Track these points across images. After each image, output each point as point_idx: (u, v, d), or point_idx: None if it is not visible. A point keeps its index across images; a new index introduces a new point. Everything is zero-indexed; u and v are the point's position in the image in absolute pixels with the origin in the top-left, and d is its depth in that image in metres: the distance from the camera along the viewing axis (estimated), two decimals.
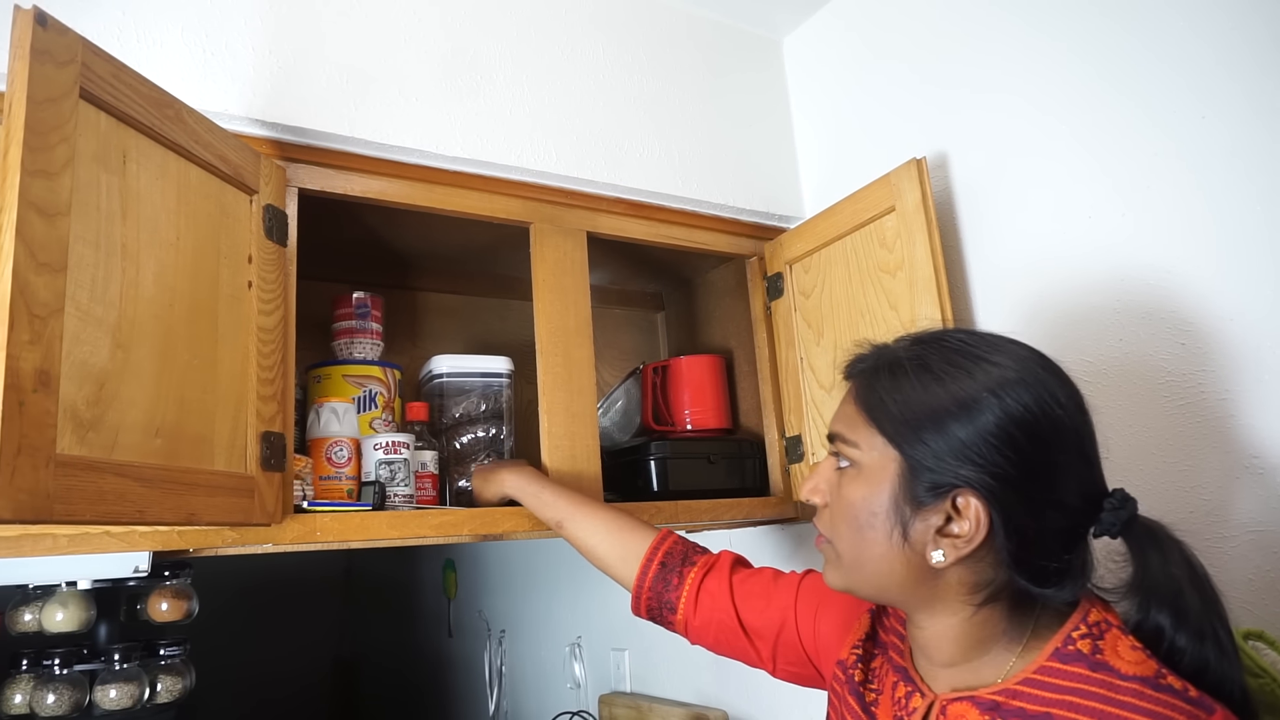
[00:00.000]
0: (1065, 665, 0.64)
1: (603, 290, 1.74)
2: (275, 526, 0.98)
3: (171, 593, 1.62)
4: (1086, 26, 1.13)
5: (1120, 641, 0.64)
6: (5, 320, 0.66)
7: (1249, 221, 0.96)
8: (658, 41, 1.46)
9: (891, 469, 0.69)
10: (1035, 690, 0.64)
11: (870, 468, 0.71)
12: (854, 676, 0.81)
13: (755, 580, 0.97)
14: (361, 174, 1.16)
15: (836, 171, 1.51)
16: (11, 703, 1.45)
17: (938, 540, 0.67)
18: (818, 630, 0.89)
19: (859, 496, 0.71)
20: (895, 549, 0.69)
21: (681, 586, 0.99)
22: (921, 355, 0.72)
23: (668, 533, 1.04)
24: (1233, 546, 0.96)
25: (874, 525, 0.70)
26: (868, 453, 0.71)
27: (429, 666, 3.43)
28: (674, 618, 0.99)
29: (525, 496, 1.12)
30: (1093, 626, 0.66)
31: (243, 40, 1.09)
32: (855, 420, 0.73)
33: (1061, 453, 0.68)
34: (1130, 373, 1.06)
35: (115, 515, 0.75)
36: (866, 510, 0.70)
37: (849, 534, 0.72)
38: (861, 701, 0.79)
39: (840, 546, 0.74)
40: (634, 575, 1.02)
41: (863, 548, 0.71)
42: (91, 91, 0.78)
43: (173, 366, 0.85)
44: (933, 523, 0.67)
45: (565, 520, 1.08)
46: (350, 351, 1.31)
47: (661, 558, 1.01)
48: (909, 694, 0.74)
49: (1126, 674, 0.61)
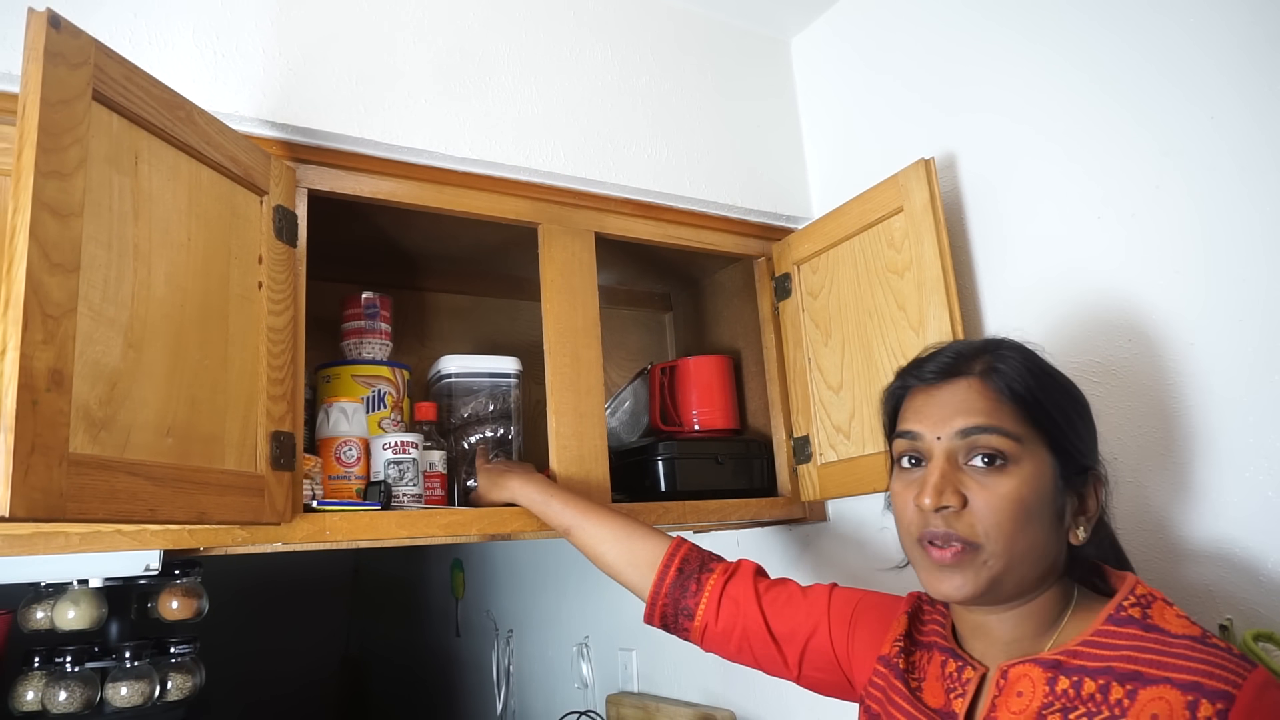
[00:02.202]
0: (1120, 628, 0.70)
1: (611, 291, 1.74)
2: (285, 526, 0.98)
3: (182, 591, 1.63)
4: (1091, 30, 1.12)
5: (1167, 610, 0.71)
6: (19, 320, 0.67)
7: (1254, 223, 0.96)
8: (665, 43, 1.46)
9: (1047, 458, 0.75)
10: (1094, 650, 0.70)
11: (1030, 459, 0.74)
12: (898, 665, 0.84)
13: (782, 589, 0.98)
14: (370, 175, 1.16)
15: (844, 172, 1.50)
16: (24, 700, 1.46)
17: (1078, 520, 0.76)
18: (853, 638, 0.91)
19: (1027, 490, 0.73)
20: (1054, 535, 0.74)
21: (700, 593, 0.99)
22: (1028, 358, 0.79)
23: (682, 540, 1.05)
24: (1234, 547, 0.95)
25: (1042, 515, 0.74)
26: (1029, 445, 0.74)
27: (437, 666, 3.43)
28: (691, 624, 0.99)
29: (534, 505, 1.12)
30: (1140, 598, 0.73)
31: (253, 42, 1.09)
32: (1005, 412, 0.74)
33: None
34: (1138, 374, 1.05)
35: (127, 514, 0.76)
36: (1037, 502, 0.73)
37: (1013, 529, 0.72)
38: (908, 685, 0.83)
39: (997, 546, 0.72)
40: (650, 582, 1.01)
41: (1026, 541, 0.73)
42: (104, 93, 0.78)
43: (184, 366, 0.86)
44: (1073, 505, 0.76)
45: (574, 528, 1.08)
46: (359, 351, 1.31)
47: (679, 564, 1.01)
48: (960, 668, 0.78)
49: (1177, 633, 0.68)
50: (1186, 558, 0.99)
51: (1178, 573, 1.00)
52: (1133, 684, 0.66)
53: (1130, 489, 1.05)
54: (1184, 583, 0.99)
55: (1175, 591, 0.99)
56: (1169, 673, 0.65)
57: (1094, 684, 0.68)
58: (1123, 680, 0.67)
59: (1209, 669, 0.64)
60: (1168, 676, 0.65)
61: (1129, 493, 1.05)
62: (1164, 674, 0.65)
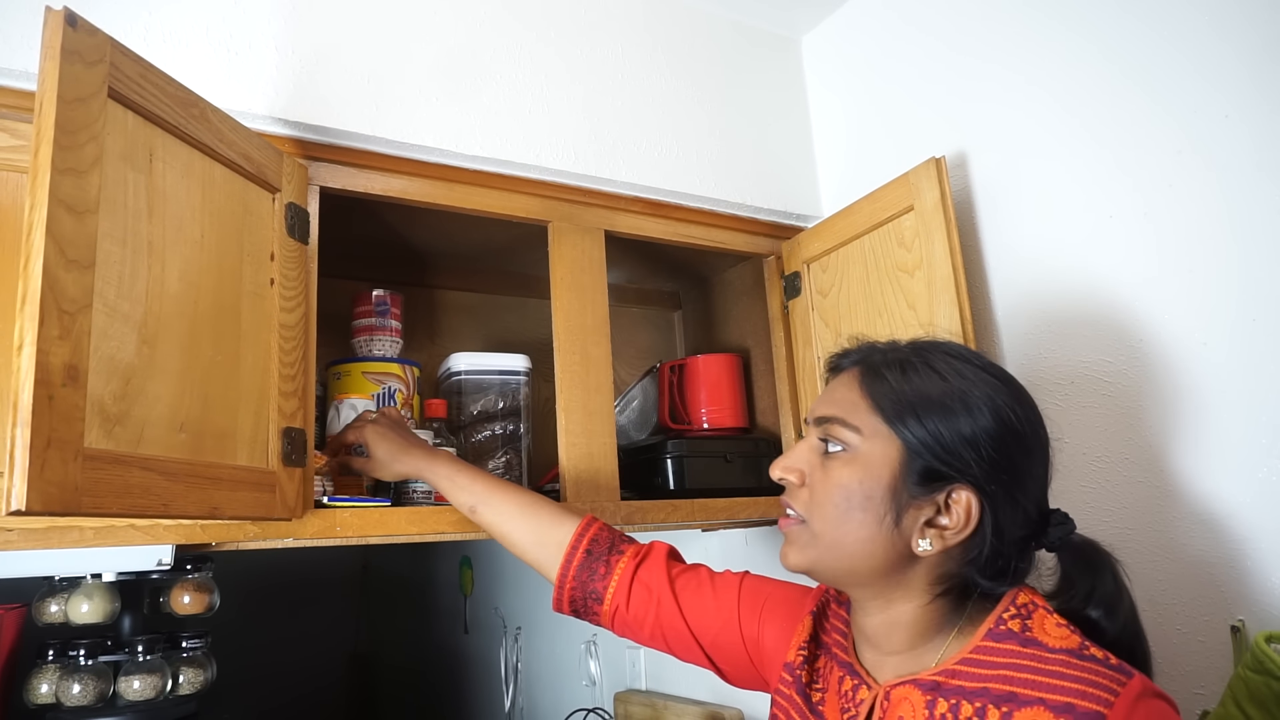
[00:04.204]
0: (998, 644, 0.70)
1: (620, 289, 1.74)
2: (296, 521, 0.99)
3: (193, 586, 1.64)
4: (1107, 25, 1.12)
5: (1047, 620, 0.70)
6: (36, 315, 0.67)
7: (1270, 221, 0.95)
8: (676, 40, 1.46)
9: (893, 456, 0.73)
10: (972, 669, 0.69)
11: (869, 453, 0.74)
12: (800, 677, 0.83)
13: (693, 576, 0.95)
14: (382, 172, 1.17)
15: (855, 170, 1.50)
16: (38, 692, 1.48)
17: (925, 530, 0.72)
18: (761, 634, 0.90)
19: (855, 480, 0.73)
20: (884, 534, 0.72)
21: (610, 575, 0.94)
22: (925, 358, 0.76)
23: (592, 519, 1.00)
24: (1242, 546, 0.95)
25: (867, 509, 0.72)
26: (869, 438, 0.74)
27: (445, 663, 3.45)
28: (600, 609, 0.95)
29: (436, 478, 1.03)
30: (1021, 608, 0.71)
31: (265, 40, 1.10)
32: (856, 405, 0.75)
33: (1036, 465, 0.75)
34: (1151, 373, 1.05)
35: (141, 508, 0.76)
36: (862, 493, 0.73)
37: (835, 514, 0.74)
38: (809, 701, 0.81)
39: (820, 526, 0.75)
40: (557, 565, 0.97)
41: (849, 529, 0.73)
42: (119, 91, 0.79)
43: (197, 362, 0.87)
44: (924, 513, 0.72)
45: (479, 505, 1.01)
46: (370, 349, 1.32)
47: (587, 545, 0.97)
48: (855, 687, 0.77)
49: (1054, 647, 0.67)
50: (1198, 559, 0.99)
51: (1189, 574, 0.99)
52: (1008, 706, 0.65)
53: (1140, 489, 1.04)
54: (1196, 584, 0.99)
55: (1187, 593, 0.99)
56: (1043, 693, 0.64)
57: (971, 707, 0.67)
58: (999, 702, 0.66)
59: (1082, 688, 0.63)
60: (1041, 697, 0.64)
61: (1139, 494, 1.04)
62: (1038, 694, 0.64)
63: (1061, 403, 1.14)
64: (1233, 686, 0.84)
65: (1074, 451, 1.11)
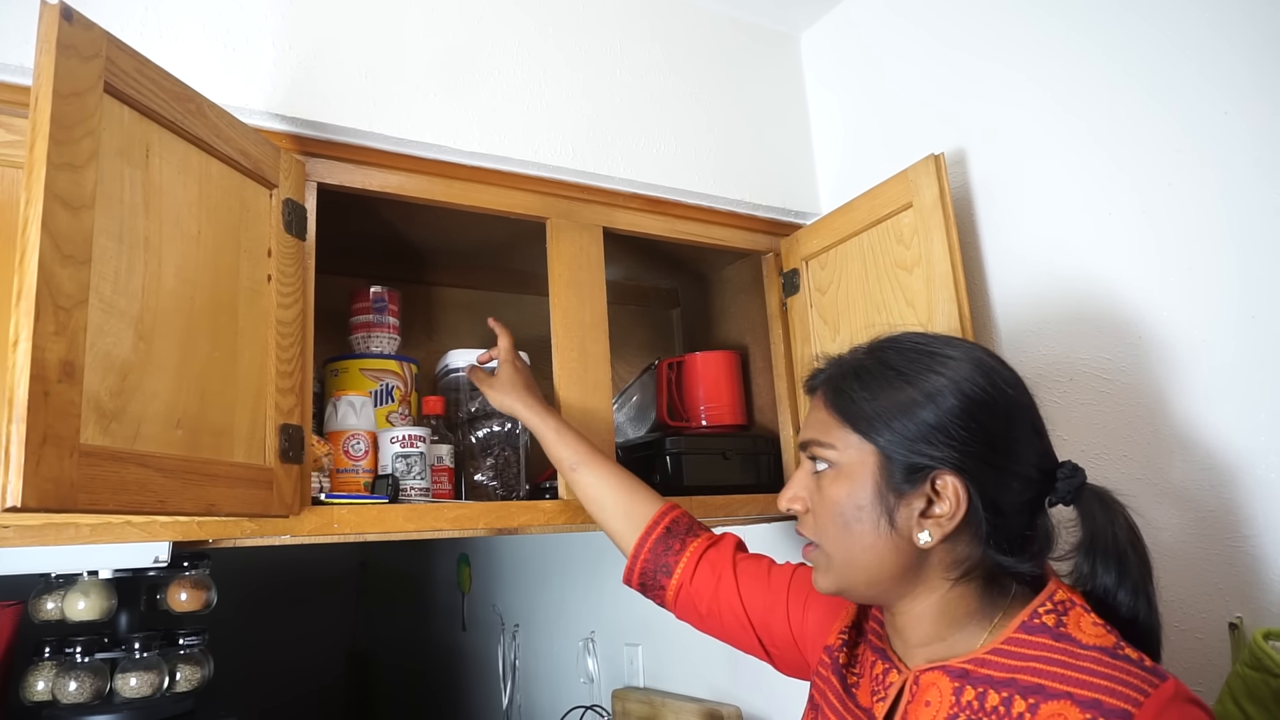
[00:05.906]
0: (1030, 636, 0.69)
1: (618, 286, 1.74)
2: (293, 518, 0.99)
3: (190, 583, 1.64)
4: (1106, 22, 1.12)
5: (1083, 618, 0.69)
6: (31, 311, 0.67)
7: (1268, 219, 0.95)
8: (674, 37, 1.46)
9: (870, 462, 0.74)
10: (1002, 659, 0.69)
11: (849, 465, 0.75)
12: (839, 659, 0.85)
13: (755, 563, 1.00)
14: (380, 169, 1.16)
15: (853, 167, 1.50)
16: (34, 689, 1.47)
17: (921, 523, 0.72)
18: (806, 619, 0.93)
19: (843, 494, 0.75)
20: (884, 538, 0.73)
21: (683, 552, 1.00)
22: (881, 357, 0.78)
23: (675, 504, 1.06)
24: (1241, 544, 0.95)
25: (861, 519, 0.74)
26: (844, 451, 0.75)
27: (443, 660, 3.45)
28: (668, 581, 1.00)
29: (545, 428, 1.10)
30: (1058, 604, 0.71)
31: (263, 35, 1.09)
32: (828, 424, 0.77)
33: (1018, 428, 0.74)
34: (1149, 370, 1.05)
35: (137, 505, 0.76)
36: (852, 505, 0.74)
37: (837, 532, 0.76)
38: (844, 683, 0.83)
39: (829, 547, 0.77)
40: (635, 538, 1.03)
41: (852, 543, 0.75)
42: (115, 86, 0.79)
43: (193, 359, 0.86)
44: (916, 507, 0.72)
45: (581, 465, 1.07)
46: (367, 345, 1.32)
47: (668, 524, 1.03)
48: (886, 670, 0.79)
49: (1087, 644, 0.67)
50: (1196, 555, 0.99)
51: (1188, 570, 0.99)
52: (1035, 697, 0.65)
53: (1140, 486, 1.04)
54: (1193, 581, 0.99)
55: (1185, 589, 0.99)
56: (1071, 687, 0.63)
57: (998, 696, 0.67)
58: (1025, 693, 0.66)
59: (1112, 685, 0.62)
60: (1069, 691, 0.63)
61: (1139, 490, 1.04)
62: (1066, 688, 0.64)
63: (1060, 399, 1.14)
64: (1230, 684, 0.84)
65: (1072, 448, 1.11)
